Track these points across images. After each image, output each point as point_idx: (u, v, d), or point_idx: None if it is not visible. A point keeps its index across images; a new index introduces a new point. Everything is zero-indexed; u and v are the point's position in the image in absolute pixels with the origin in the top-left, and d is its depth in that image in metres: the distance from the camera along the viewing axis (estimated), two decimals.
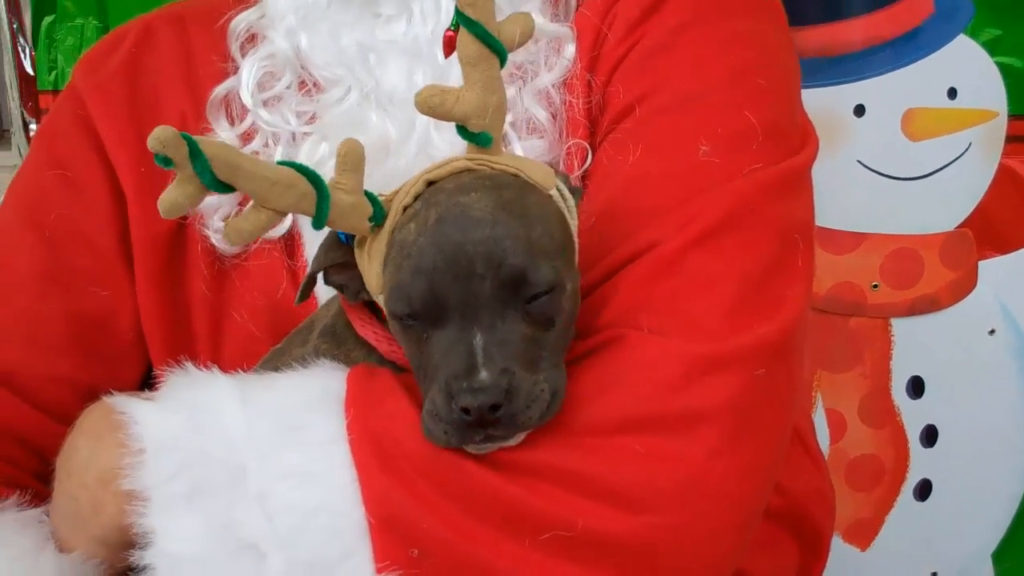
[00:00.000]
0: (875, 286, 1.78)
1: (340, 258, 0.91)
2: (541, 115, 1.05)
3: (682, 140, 0.99)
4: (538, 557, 0.86)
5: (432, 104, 0.87)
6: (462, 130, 0.89)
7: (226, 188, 0.82)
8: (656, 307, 0.92)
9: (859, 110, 1.74)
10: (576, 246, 0.92)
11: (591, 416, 0.89)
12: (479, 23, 0.87)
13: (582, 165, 1.04)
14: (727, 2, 1.07)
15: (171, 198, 0.82)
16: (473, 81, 0.88)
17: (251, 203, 0.85)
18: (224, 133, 1.12)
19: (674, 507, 0.87)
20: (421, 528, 0.86)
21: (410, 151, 1.04)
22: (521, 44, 0.90)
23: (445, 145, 1.04)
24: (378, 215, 0.88)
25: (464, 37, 0.88)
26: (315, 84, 1.12)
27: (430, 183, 0.89)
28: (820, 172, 1.72)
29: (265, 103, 1.11)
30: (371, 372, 0.93)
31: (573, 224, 0.92)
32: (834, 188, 1.74)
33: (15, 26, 1.82)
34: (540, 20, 1.05)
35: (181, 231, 1.13)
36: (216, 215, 1.11)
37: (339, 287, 0.94)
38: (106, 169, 1.14)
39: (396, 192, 0.90)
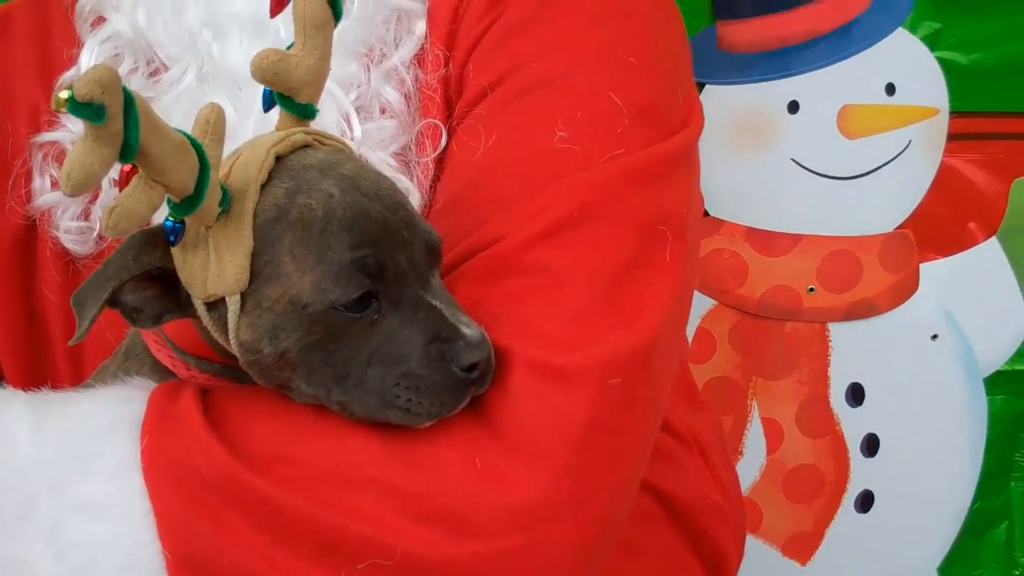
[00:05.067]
0: (811, 289, 1.72)
1: (157, 262, 0.80)
2: (391, 95, 0.99)
3: (537, 125, 0.92)
4: None
5: (277, 70, 0.81)
6: (286, 100, 0.83)
7: (130, 156, 0.69)
8: (493, 310, 0.86)
9: (793, 107, 1.68)
10: None
11: (421, 431, 0.83)
12: None
13: (436, 147, 0.98)
14: None
15: (86, 164, 0.66)
16: (314, 47, 0.83)
17: (136, 181, 0.72)
18: (75, 126, 1.05)
19: (506, 533, 0.80)
20: (223, 563, 0.80)
21: (247, 133, 0.97)
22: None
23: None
24: (226, 198, 0.79)
25: None
26: (163, 65, 1.05)
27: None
28: (753, 171, 1.70)
29: None
30: (174, 392, 0.86)
31: None
32: (767, 188, 1.71)
33: None
34: None
35: (30, 232, 1.07)
36: (66, 214, 1.04)
37: (130, 312, 0.82)
38: None
39: (228, 172, 0.81)
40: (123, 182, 0.73)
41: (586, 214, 0.87)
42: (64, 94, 0.66)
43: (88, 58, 1.05)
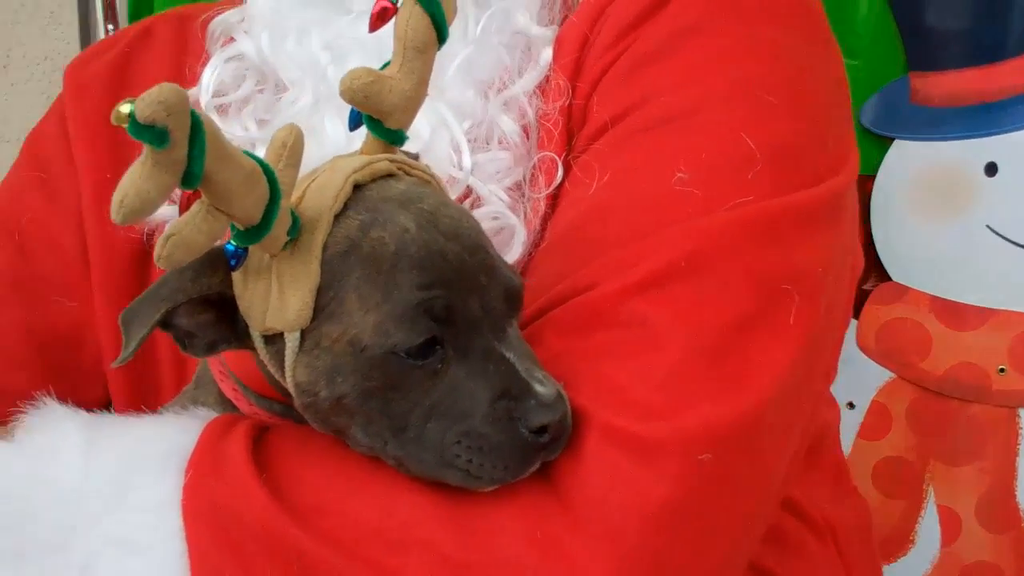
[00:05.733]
0: (1002, 370, 1.57)
1: (216, 287, 0.75)
2: (508, 127, 0.93)
3: (657, 164, 0.84)
4: None
5: (368, 92, 0.76)
6: (375, 124, 0.78)
7: (192, 183, 0.64)
8: (576, 365, 0.77)
9: (991, 168, 1.54)
10: None
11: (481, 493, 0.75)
12: (439, 2, 0.77)
13: (550, 182, 0.91)
14: (745, 5, 0.90)
15: (142, 191, 0.61)
16: (412, 70, 0.78)
17: (197, 207, 0.67)
18: None
19: None
20: None
21: None
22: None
23: None
24: (296, 226, 0.74)
25: (417, 17, 0.77)
26: (286, 87, 1.02)
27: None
28: (943, 235, 1.56)
29: (225, 108, 1.02)
30: (227, 427, 0.80)
31: None
32: (958, 255, 1.57)
33: None
34: (524, 21, 0.94)
35: (143, 245, 1.04)
36: None
37: (183, 337, 0.77)
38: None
39: (302, 196, 0.76)
40: (183, 206, 0.68)
41: (695, 265, 0.78)
42: (125, 108, 0.61)
43: (210, 75, 1.03)
